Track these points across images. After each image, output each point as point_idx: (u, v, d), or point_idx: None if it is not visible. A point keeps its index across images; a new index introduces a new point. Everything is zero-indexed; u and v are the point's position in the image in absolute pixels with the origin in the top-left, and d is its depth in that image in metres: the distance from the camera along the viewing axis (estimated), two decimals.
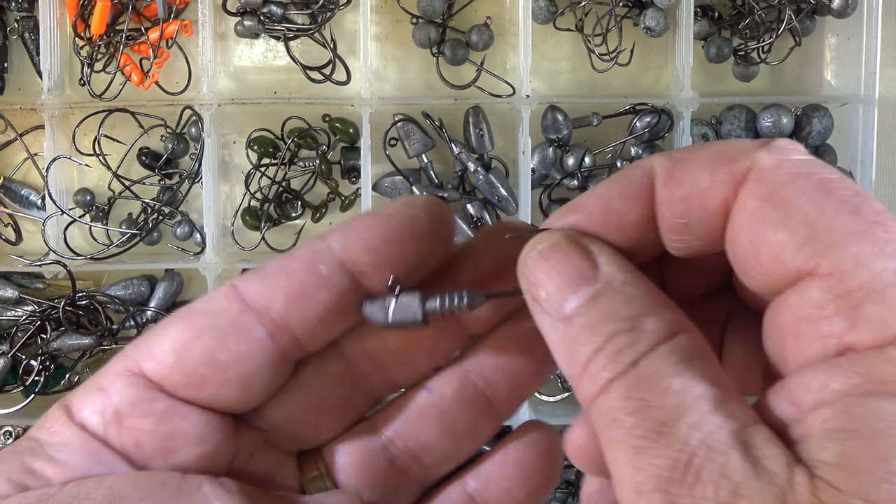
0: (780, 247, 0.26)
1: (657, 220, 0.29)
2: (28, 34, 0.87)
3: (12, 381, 0.87)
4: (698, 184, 0.28)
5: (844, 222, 0.26)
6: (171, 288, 0.89)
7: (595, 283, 0.28)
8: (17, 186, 0.89)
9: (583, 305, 0.27)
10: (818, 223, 0.26)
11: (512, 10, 0.88)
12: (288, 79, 0.89)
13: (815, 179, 0.27)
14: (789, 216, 0.26)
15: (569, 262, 0.28)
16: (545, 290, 0.28)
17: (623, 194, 0.29)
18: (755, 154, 0.28)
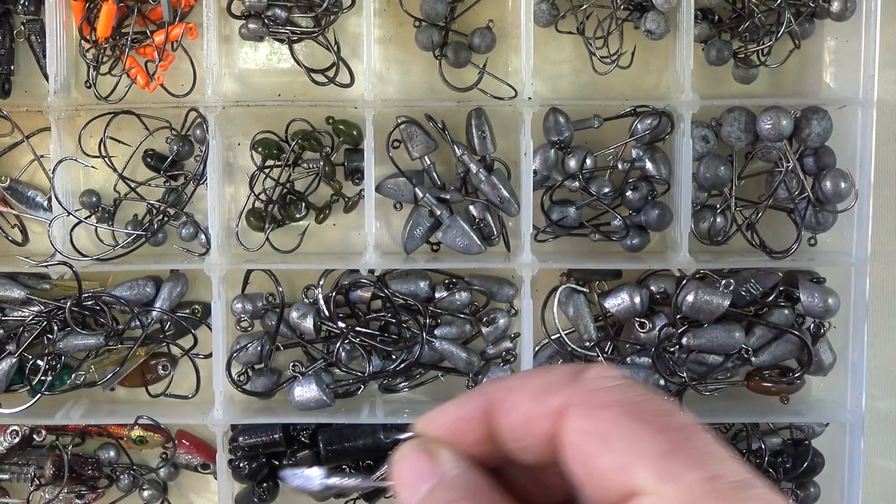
0: (606, 472, 0.32)
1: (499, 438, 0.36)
2: (34, 37, 0.88)
3: (19, 380, 0.88)
4: (527, 414, 0.35)
5: (655, 443, 0.32)
6: (176, 288, 0.89)
7: (433, 478, 0.35)
8: (23, 188, 0.90)
9: (424, 496, 0.35)
10: (632, 448, 0.32)
11: (514, 14, 0.89)
12: (292, 81, 0.90)
13: (624, 406, 0.33)
14: (607, 446, 0.32)
15: (415, 464, 0.36)
16: (401, 485, 0.36)
17: (463, 419, 0.36)
18: (570, 389, 0.34)
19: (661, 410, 0.34)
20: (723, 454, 0.33)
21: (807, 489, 0.92)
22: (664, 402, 0.35)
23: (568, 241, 0.91)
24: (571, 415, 0.34)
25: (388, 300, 0.88)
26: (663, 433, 0.33)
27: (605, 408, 0.34)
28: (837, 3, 0.85)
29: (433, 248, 0.92)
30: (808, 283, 0.88)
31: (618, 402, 0.34)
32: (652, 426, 0.33)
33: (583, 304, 0.90)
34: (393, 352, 0.88)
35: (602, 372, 0.36)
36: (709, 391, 0.90)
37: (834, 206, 0.87)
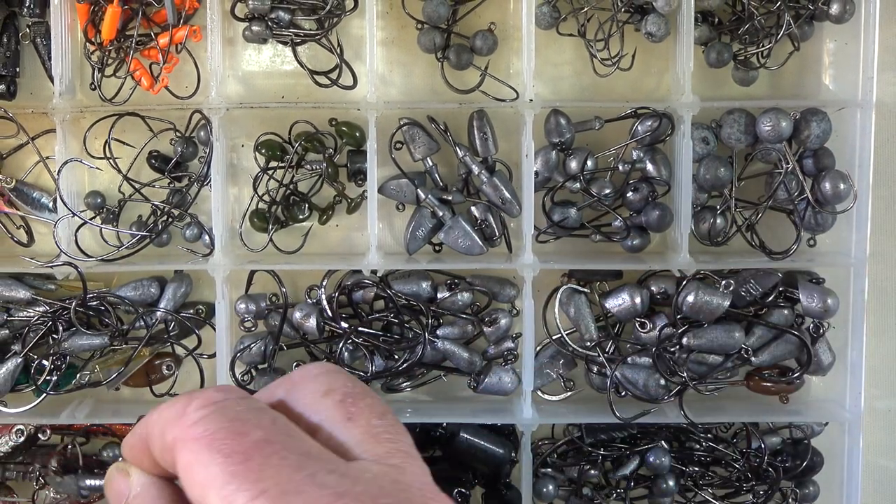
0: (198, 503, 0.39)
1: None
2: (40, 39, 0.88)
3: (24, 380, 0.88)
4: (160, 448, 0.42)
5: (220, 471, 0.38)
6: (181, 289, 0.90)
7: (127, 495, 0.45)
8: (29, 189, 0.90)
9: None
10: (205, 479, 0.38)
11: (515, 16, 0.89)
12: (295, 83, 0.90)
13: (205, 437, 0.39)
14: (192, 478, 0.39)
15: (115, 483, 0.46)
16: (109, 501, 0.46)
17: (135, 446, 0.45)
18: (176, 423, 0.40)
19: (236, 433, 0.40)
20: (279, 464, 0.39)
21: (806, 488, 0.92)
22: (245, 423, 0.40)
23: (569, 242, 0.92)
24: (177, 449, 0.40)
25: (391, 300, 0.88)
26: (229, 458, 0.38)
27: (193, 440, 0.40)
28: (836, 6, 0.85)
29: (435, 249, 0.92)
30: (807, 283, 0.88)
31: (202, 434, 0.40)
32: (220, 454, 0.39)
33: (584, 304, 0.90)
34: (395, 352, 0.89)
35: (203, 401, 0.41)
36: (709, 391, 0.90)
37: (833, 207, 0.87)
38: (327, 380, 0.46)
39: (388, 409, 0.47)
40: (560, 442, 0.93)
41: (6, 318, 0.88)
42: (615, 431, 0.92)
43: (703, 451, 0.92)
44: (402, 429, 0.46)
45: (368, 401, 0.46)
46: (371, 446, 0.44)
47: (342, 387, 0.46)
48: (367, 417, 0.45)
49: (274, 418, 0.42)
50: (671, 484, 0.90)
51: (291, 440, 0.41)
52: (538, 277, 0.87)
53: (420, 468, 0.44)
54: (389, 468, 0.42)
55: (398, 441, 0.45)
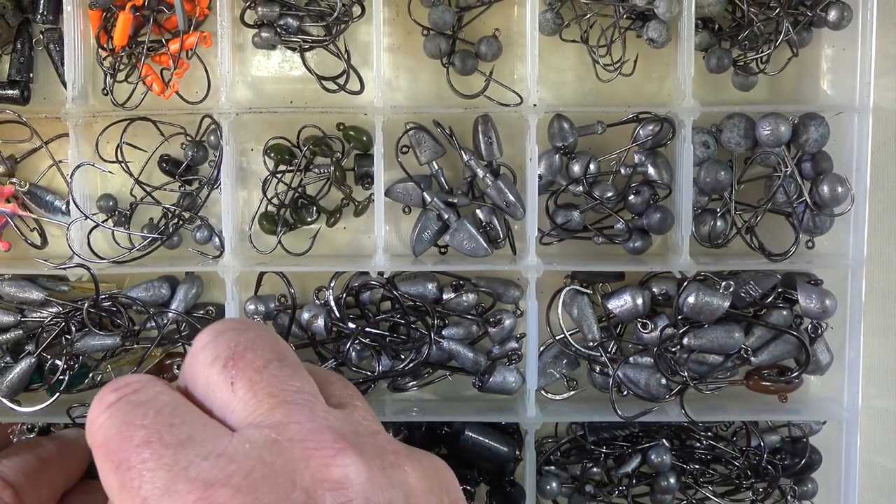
0: None
1: None
2: (53, 46, 0.89)
3: (38, 380, 0.89)
4: None
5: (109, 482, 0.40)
6: (192, 290, 0.91)
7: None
8: (42, 192, 0.91)
9: None
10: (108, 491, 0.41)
11: (519, 23, 0.90)
12: (304, 88, 0.91)
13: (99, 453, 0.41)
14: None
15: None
16: None
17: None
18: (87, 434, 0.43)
19: (122, 439, 0.41)
20: (155, 466, 0.39)
21: (805, 485, 0.93)
22: (129, 426, 0.41)
23: (572, 244, 0.93)
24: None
25: (397, 301, 0.89)
26: (118, 468, 0.40)
27: (96, 450, 0.42)
28: (834, 13, 0.86)
29: (441, 251, 0.93)
30: (805, 284, 0.89)
31: (101, 443, 0.42)
32: (112, 463, 0.40)
33: (586, 305, 0.91)
34: (402, 352, 0.90)
35: (100, 407, 0.42)
36: (709, 390, 0.91)
37: (831, 209, 0.88)
38: (213, 346, 0.44)
39: (274, 357, 0.44)
40: (563, 440, 0.94)
41: (20, 318, 0.89)
42: (617, 430, 0.93)
43: (703, 450, 0.93)
44: (289, 371, 0.44)
45: (249, 356, 0.43)
46: (253, 408, 0.42)
47: (225, 349, 0.44)
48: (249, 376, 0.43)
49: (159, 408, 0.42)
50: (672, 481, 0.91)
51: (172, 429, 0.40)
52: (542, 279, 0.88)
53: (306, 414, 0.41)
54: (269, 429, 0.40)
55: (281, 391, 0.42)
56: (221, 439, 0.40)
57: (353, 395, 0.48)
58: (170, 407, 0.42)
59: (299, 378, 0.44)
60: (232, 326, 0.46)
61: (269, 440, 0.40)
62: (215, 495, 0.37)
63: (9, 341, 0.89)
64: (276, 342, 0.46)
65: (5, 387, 0.88)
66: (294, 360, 0.45)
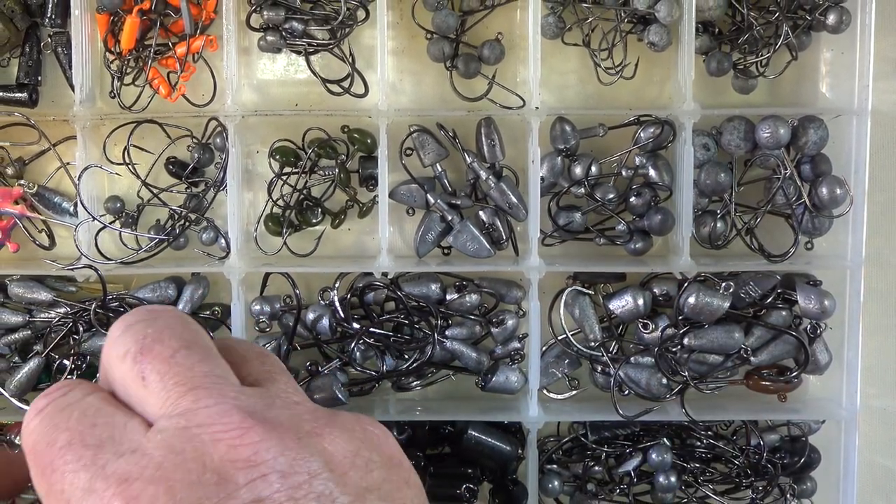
0: None
1: None
2: (61, 49, 0.90)
3: (46, 379, 0.90)
4: None
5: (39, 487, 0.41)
6: (198, 291, 0.91)
7: None
8: (50, 194, 0.92)
9: None
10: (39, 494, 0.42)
11: (522, 26, 0.91)
12: (309, 91, 0.92)
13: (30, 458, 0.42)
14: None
15: None
16: None
17: None
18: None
19: (47, 444, 0.42)
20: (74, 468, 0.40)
21: (804, 483, 0.94)
22: (55, 428, 0.42)
23: (574, 245, 0.93)
24: None
25: (401, 302, 0.90)
26: (42, 472, 0.41)
27: (28, 455, 0.43)
28: (833, 17, 0.87)
29: (444, 252, 0.94)
30: (804, 285, 0.90)
31: (30, 448, 0.42)
32: (37, 468, 0.41)
33: (588, 305, 0.92)
34: (405, 351, 0.90)
35: (31, 412, 0.43)
36: (709, 390, 0.92)
37: (830, 211, 0.89)
38: (122, 340, 0.44)
39: (181, 345, 0.44)
40: (565, 439, 0.94)
41: (28, 318, 0.90)
42: (618, 429, 0.94)
43: (703, 448, 0.93)
44: (198, 356, 0.44)
45: (157, 349, 0.43)
46: (164, 399, 0.42)
47: (134, 343, 0.44)
48: (157, 368, 0.43)
49: (83, 410, 0.43)
50: (673, 480, 0.92)
51: (94, 430, 0.41)
52: (544, 280, 0.88)
53: (214, 397, 0.41)
54: (179, 417, 0.41)
55: (189, 378, 0.42)
56: (137, 435, 0.41)
57: (272, 369, 0.48)
58: (93, 408, 0.43)
59: (208, 362, 0.44)
60: (140, 318, 0.46)
61: (179, 428, 0.40)
62: (130, 489, 0.38)
63: (17, 341, 0.90)
64: (185, 328, 0.45)
65: (14, 386, 0.89)
66: (203, 344, 0.45)
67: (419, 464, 0.91)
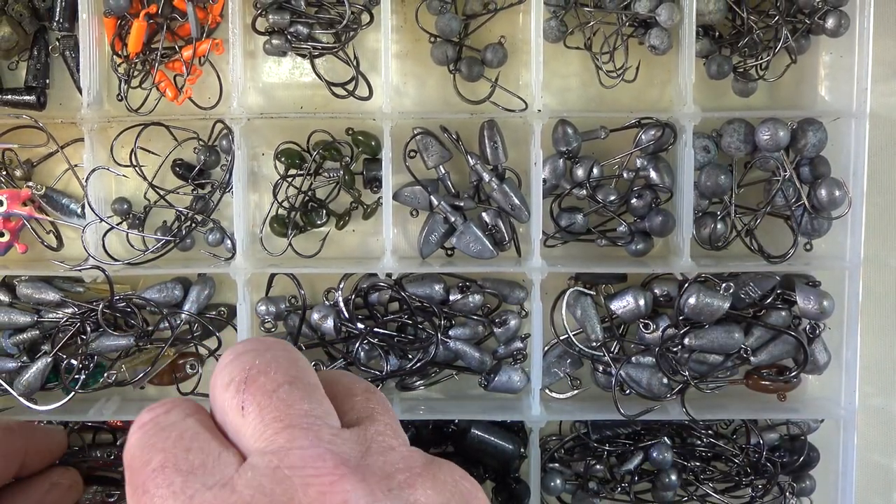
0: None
1: None
2: (69, 52, 0.91)
3: (54, 379, 0.91)
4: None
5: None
6: (204, 291, 0.92)
7: None
8: (58, 196, 0.93)
9: None
10: None
11: (524, 30, 0.92)
12: (313, 94, 0.93)
13: (127, 475, 0.43)
14: None
15: None
16: None
17: None
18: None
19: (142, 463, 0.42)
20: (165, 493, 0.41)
21: (803, 482, 0.95)
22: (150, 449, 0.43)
23: (576, 247, 0.94)
24: None
25: (405, 302, 0.90)
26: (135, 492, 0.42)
27: (126, 469, 0.44)
28: (832, 21, 0.87)
29: (447, 253, 0.94)
30: (804, 286, 0.90)
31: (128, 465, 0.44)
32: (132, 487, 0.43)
33: (590, 306, 0.93)
34: (409, 351, 0.91)
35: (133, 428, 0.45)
36: (710, 389, 0.92)
37: (829, 213, 0.89)
38: (229, 370, 0.45)
39: (286, 380, 0.44)
40: (567, 438, 0.95)
41: (37, 319, 0.91)
42: (620, 428, 0.94)
43: (704, 447, 0.94)
44: (300, 393, 0.43)
45: (261, 381, 0.43)
46: (260, 433, 0.42)
47: (240, 373, 0.44)
48: (258, 401, 0.43)
49: (181, 433, 0.43)
50: (673, 478, 0.92)
51: (188, 455, 0.42)
52: (546, 280, 0.89)
53: (310, 438, 0.41)
54: (272, 455, 0.41)
55: (287, 415, 0.42)
56: (229, 468, 0.41)
57: (376, 407, 0.48)
58: (191, 432, 0.43)
59: (310, 401, 0.44)
60: (251, 348, 0.46)
61: (271, 467, 0.40)
62: None
63: (26, 341, 0.91)
64: (293, 363, 0.46)
65: (22, 385, 0.89)
66: (308, 381, 0.45)
67: None
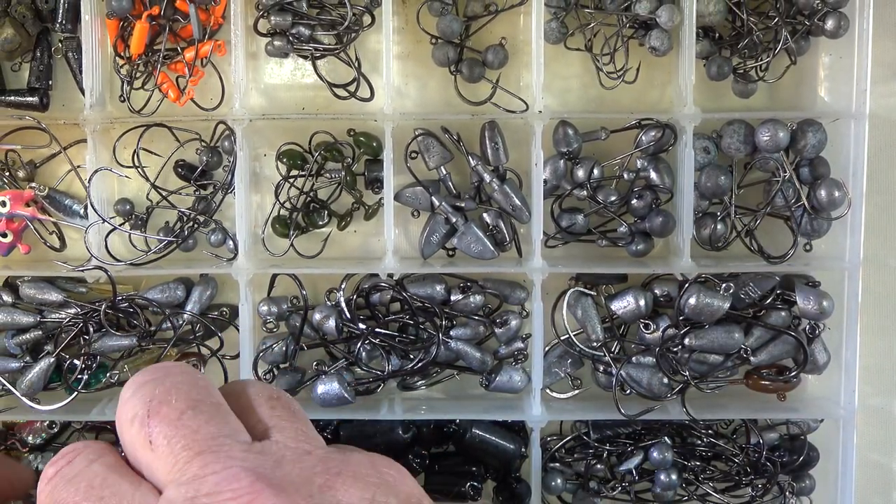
0: None
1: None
2: (71, 54, 0.91)
3: (57, 379, 0.91)
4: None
5: None
6: (206, 292, 0.93)
7: None
8: (61, 196, 0.93)
9: None
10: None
11: (525, 31, 0.92)
12: (315, 95, 0.93)
13: None
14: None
15: None
16: None
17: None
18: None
19: None
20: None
21: (802, 481, 0.95)
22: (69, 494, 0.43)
23: (576, 247, 0.94)
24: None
25: (406, 303, 0.91)
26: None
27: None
28: (831, 22, 0.88)
29: (449, 254, 0.95)
30: (803, 286, 0.91)
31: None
32: None
33: (590, 306, 0.93)
34: (410, 351, 0.91)
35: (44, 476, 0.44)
36: (710, 389, 0.93)
37: (828, 213, 0.90)
38: (131, 404, 0.44)
39: (188, 406, 0.43)
40: (568, 438, 0.95)
41: (39, 319, 0.91)
42: (620, 428, 0.95)
43: (704, 447, 0.94)
44: (204, 417, 0.43)
45: (164, 411, 0.43)
46: (171, 464, 0.41)
47: (142, 406, 0.43)
48: (164, 431, 0.42)
49: (90, 481, 0.42)
50: (674, 478, 0.93)
51: (102, 503, 0.41)
52: (547, 281, 0.89)
53: (222, 461, 0.40)
54: (187, 487, 0.40)
55: (195, 442, 0.42)
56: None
57: (282, 414, 0.47)
58: (100, 478, 0.43)
59: (215, 422, 0.43)
60: (150, 378, 0.45)
61: (188, 498, 0.39)
62: None
63: (28, 341, 0.91)
64: (193, 386, 0.45)
65: (25, 386, 0.90)
66: (211, 402, 0.44)
67: (424, 462, 0.92)
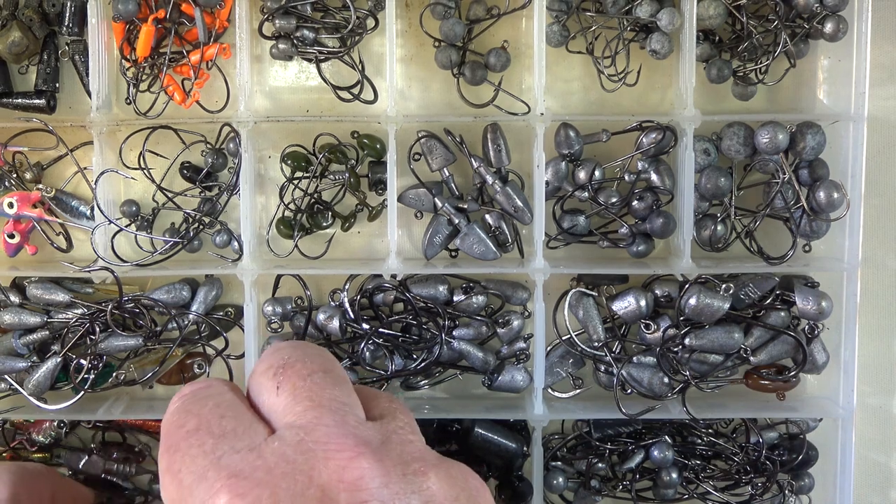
0: None
1: None
2: (78, 57, 0.92)
3: (63, 378, 0.92)
4: None
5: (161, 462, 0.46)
6: (211, 292, 0.93)
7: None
8: (68, 198, 0.94)
9: None
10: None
11: (527, 35, 0.92)
12: (319, 98, 0.94)
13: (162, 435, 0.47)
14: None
15: None
16: None
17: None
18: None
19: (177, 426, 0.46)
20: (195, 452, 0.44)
21: (802, 480, 0.96)
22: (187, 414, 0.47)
23: (578, 248, 0.95)
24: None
25: (410, 303, 0.91)
26: (168, 450, 0.46)
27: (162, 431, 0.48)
28: (830, 25, 0.88)
29: (451, 255, 0.95)
30: (802, 287, 0.91)
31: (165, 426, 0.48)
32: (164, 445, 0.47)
33: (592, 306, 0.94)
34: (414, 351, 0.92)
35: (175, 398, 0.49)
36: (710, 389, 0.93)
37: (827, 214, 0.90)
38: (269, 359, 0.50)
39: (319, 369, 0.48)
40: (569, 437, 0.96)
41: (46, 319, 0.92)
42: (621, 427, 0.95)
43: (704, 446, 0.95)
44: (331, 381, 0.47)
45: (297, 367, 0.48)
46: (291, 409, 0.46)
47: (278, 360, 0.49)
48: (293, 382, 0.47)
49: (218, 402, 0.46)
50: (674, 476, 0.93)
51: (222, 421, 0.45)
52: (548, 281, 0.90)
53: (336, 419, 0.45)
54: (299, 430, 0.44)
55: (318, 397, 0.46)
56: (258, 436, 0.44)
57: (397, 408, 0.51)
58: (227, 401, 0.47)
59: (339, 389, 0.47)
60: (291, 344, 0.51)
61: (297, 439, 0.43)
62: (238, 485, 0.41)
63: (35, 341, 0.92)
64: (326, 360, 0.50)
65: (32, 385, 0.91)
66: (339, 375, 0.49)
67: None
